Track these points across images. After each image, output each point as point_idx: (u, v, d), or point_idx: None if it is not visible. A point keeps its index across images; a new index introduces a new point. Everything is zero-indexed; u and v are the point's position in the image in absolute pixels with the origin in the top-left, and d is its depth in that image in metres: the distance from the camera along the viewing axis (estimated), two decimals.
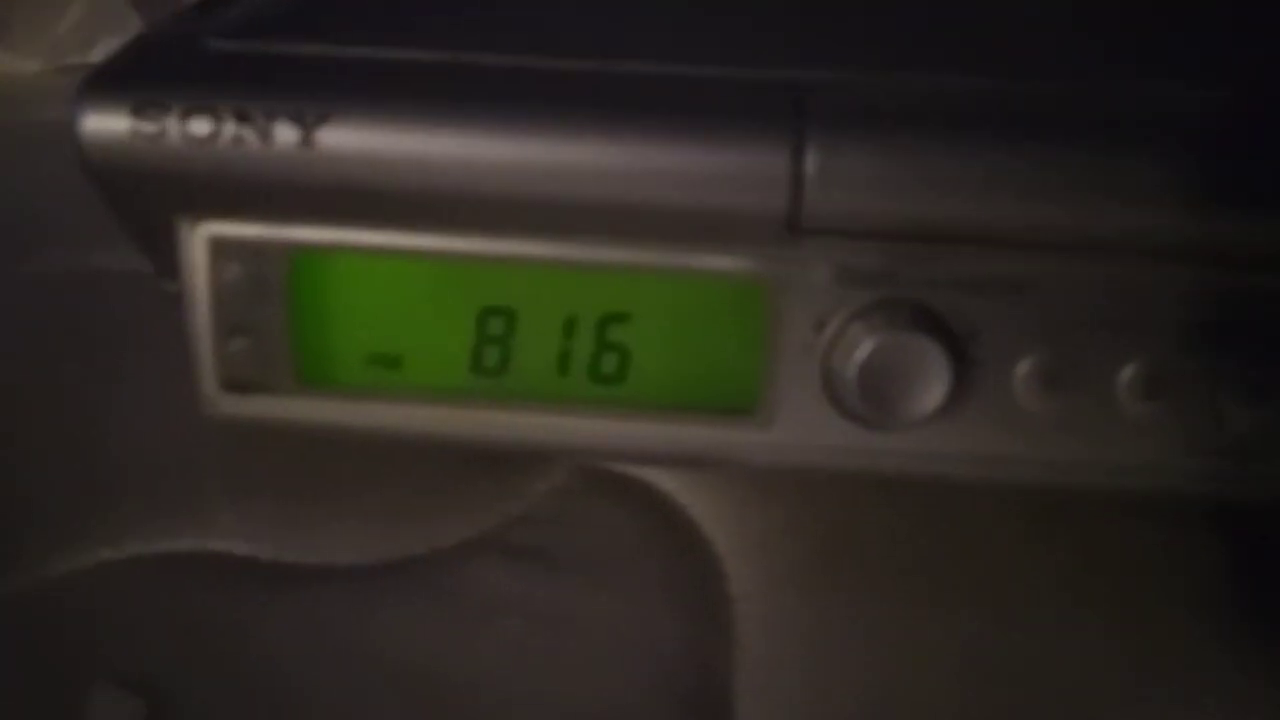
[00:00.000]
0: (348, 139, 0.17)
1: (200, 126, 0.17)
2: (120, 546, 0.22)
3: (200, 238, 0.19)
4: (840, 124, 0.17)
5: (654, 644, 0.20)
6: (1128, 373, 0.18)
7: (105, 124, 0.18)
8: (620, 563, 0.22)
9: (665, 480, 0.23)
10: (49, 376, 0.26)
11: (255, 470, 0.23)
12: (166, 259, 0.20)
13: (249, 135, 0.17)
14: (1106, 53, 0.19)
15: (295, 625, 0.20)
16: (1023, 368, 0.18)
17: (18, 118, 0.42)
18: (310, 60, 0.18)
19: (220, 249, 0.19)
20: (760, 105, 0.17)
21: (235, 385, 0.20)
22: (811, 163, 0.17)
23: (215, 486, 0.23)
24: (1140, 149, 0.17)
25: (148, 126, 0.17)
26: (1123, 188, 0.17)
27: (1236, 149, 0.17)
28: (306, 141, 0.17)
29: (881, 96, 0.17)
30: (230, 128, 0.17)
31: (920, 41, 0.20)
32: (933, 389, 0.18)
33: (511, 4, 0.21)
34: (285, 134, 0.17)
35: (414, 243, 0.19)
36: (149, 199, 0.19)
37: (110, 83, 0.18)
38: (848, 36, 0.20)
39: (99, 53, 0.47)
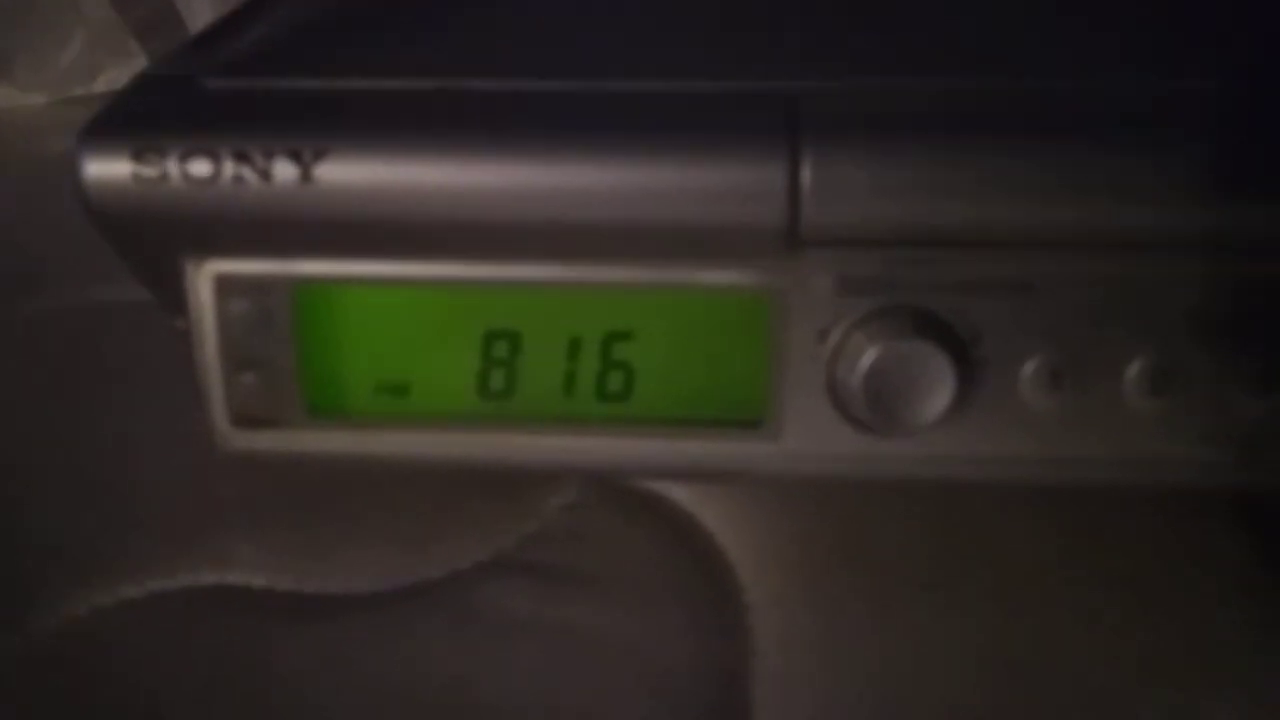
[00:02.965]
0: (346, 173, 0.17)
1: (200, 168, 0.17)
2: (141, 583, 0.22)
3: (205, 276, 0.19)
4: (834, 133, 0.17)
5: (672, 657, 0.20)
6: (1134, 368, 0.18)
7: (107, 170, 0.18)
8: (636, 577, 0.22)
9: (677, 492, 0.23)
10: (60, 412, 0.27)
11: (271, 501, 0.24)
12: (172, 297, 0.20)
13: (248, 174, 0.17)
14: (1098, 49, 0.19)
15: (318, 654, 0.21)
16: (1028, 368, 0.18)
17: (24, 150, 0.43)
18: (305, 96, 0.18)
19: (225, 286, 0.19)
20: (753, 119, 0.17)
21: (246, 420, 0.20)
22: (806, 175, 0.17)
23: (232, 519, 0.23)
24: (1136, 143, 0.17)
25: (148, 171, 0.17)
26: (1120, 183, 0.17)
27: (1233, 137, 0.17)
28: (306, 177, 0.17)
29: (874, 103, 0.17)
30: (229, 168, 0.17)
31: (910, 46, 0.20)
32: (938, 395, 0.18)
33: (497, 29, 0.21)
34: (284, 171, 0.17)
35: (416, 271, 0.19)
36: (153, 241, 0.19)
37: (110, 128, 0.18)
38: (837, 44, 0.20)
39: (102, 84, 0.48)
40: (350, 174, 0.17)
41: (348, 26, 0.21)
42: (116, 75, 0.48)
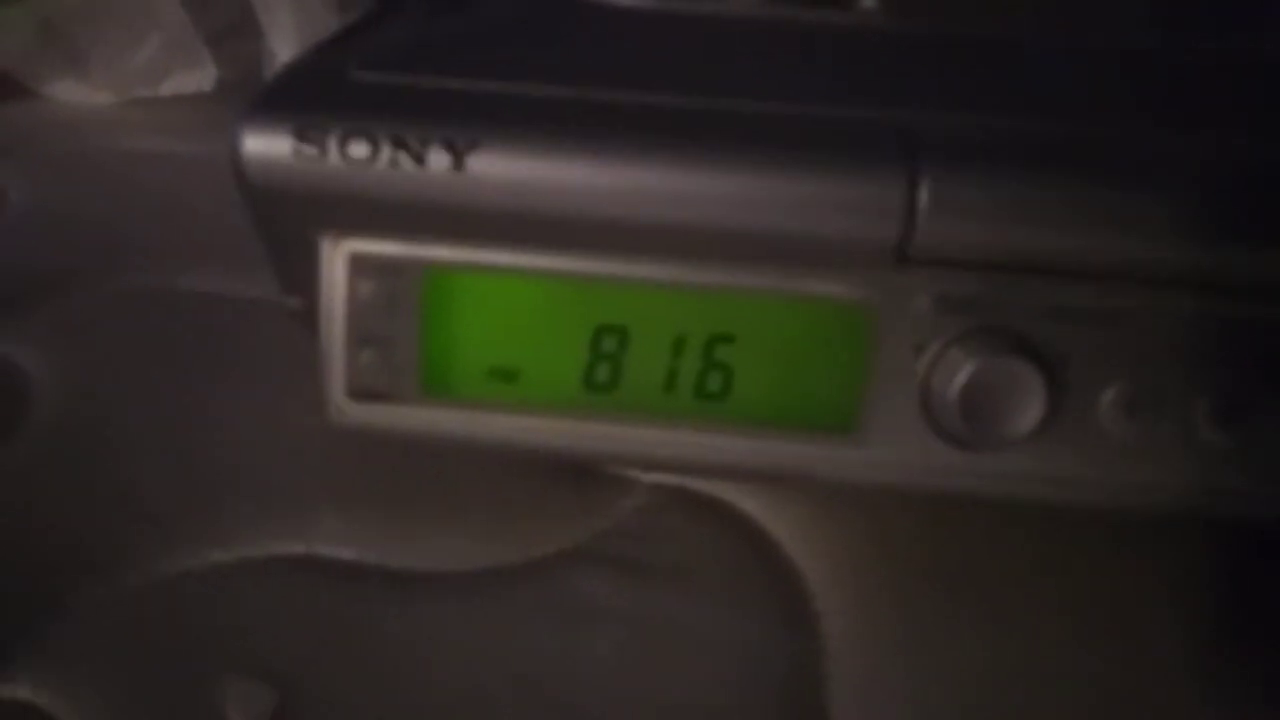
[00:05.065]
0: (495, 165, 0.19)
1: (358, 150, 0.19)
2: (230, 549, 0.23)
3: (341, 254, 0.20)
4: (952, 159, 0.18)
5: (747, 646, 0.21)
6: (1205, 402, 0.19)
7: (268, 146, 0.19)
8: (708, 574, 0.23)
9: (746, 502, 0.25)
10: (149, 388, 0.28)
11: (357, 480, 0.25)
12: (297, 275, 0.22)
13: (404, 159, 0.19)
14: (1202, 103, 0.21)
15: (406, 626, 0.21)
16: (1108, 395, 0.19)
17: (98, 145, 0.44)
18: (453, 93, 0.20)
19: (360, 265, 0.20)
20: (876, 139, 0.19)
21: (363, 394, 0.21)
22: (923, 195, 0.18)
23: (319, 495, 0.24)
24: (1231, 193, 0.18)
25: (309, 149, 0.19)
26: (1209, 228, 0.18)
27: None
28: (458, 166, 0.19)
29: (989, 136, 0.19)
30: (387, 152, 0.19)
31: (1020, 88, 0.21)
32: (1028, 412, 0.19)
33: (625, 48, 0.23)
34: (438, 159, 0.19)
35: (538, 262, 0.20)
36: (297, 217, 0.20)
37: (271, 108, 0.19)
38: (955, 81, 0.21)
39: (169, 87, 0.49)
40: (498, 167, 0.19)
41: (477, 32, 0.23)
42: (184, 80, 0.49)
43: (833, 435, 0.21)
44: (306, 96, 0.20)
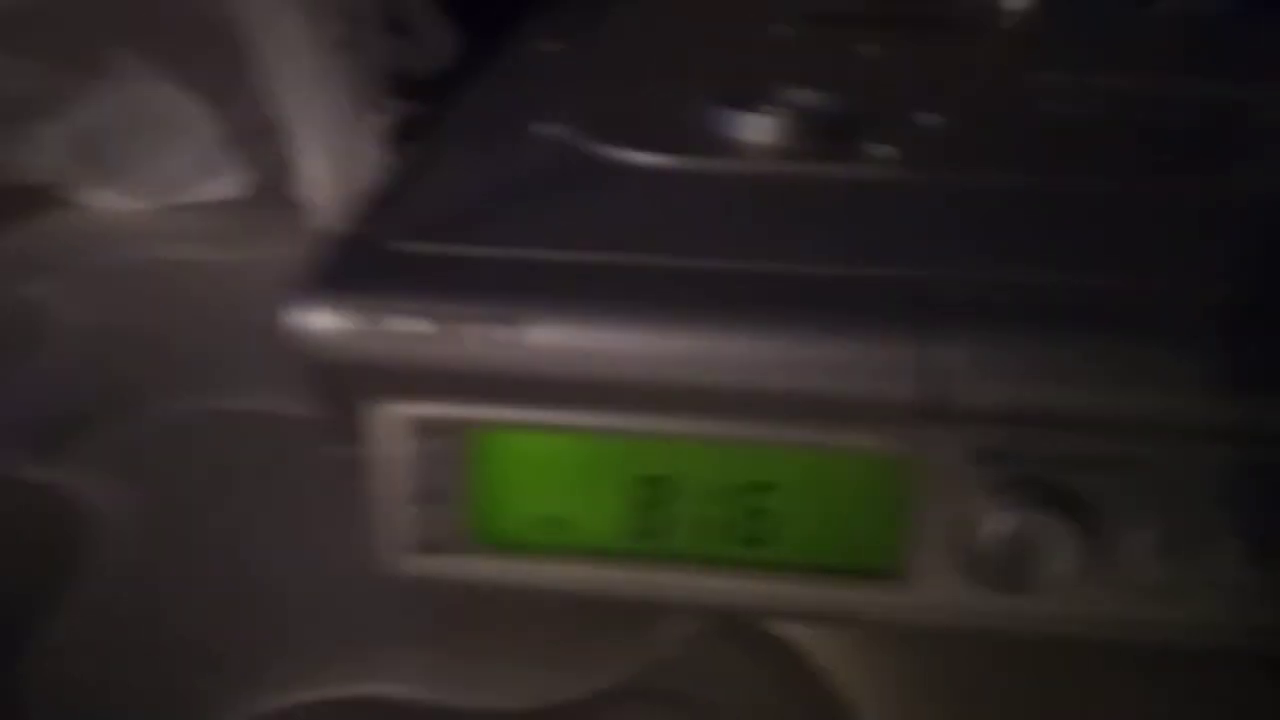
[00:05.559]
0: (548, 336, 0.20)
1: (421, 325, 0.20)
2: (289, 693, 0.24)
3: (393, 417, 0.21)
4: (968, 318, 0.19)
5: None
6: (1237, 544, 0.20)
7: (319, 321, 0.20)
8: (755, 709, 0.23)
9: (791, 631, 0.25)
10: (207, 518, 0.29)
11: (415, 620, 0.25)
12: (349, 429, 0.22)
13: (446, 332, 0.20)
14: (1209, 253, 0.21)
15: None
16: (1141, 540, 0.20)
17: (131, 256, 0.46)
18: (490, 263, 0.21)
19: (410, 426, 0.21)
20: (895, 300, 0.20)
21: (417, 547, 0.22)
22: (949, 352, 0.19)
23: (378, 634, 0.25)
24: (1242, 346, 0.19)
25: (359, 324, 0.20)
26: (1224, 382, 0.19)
27: None
28: (508, 338, 0.20)
29: (1007, 292, 0.20)
30: (427, 325, 0.20)
31: (1031, 240, 0.22)
32: (1063, 560, 0.20)
33: (651, 204, 0.24)
34: (497, 333, 0.20)
35: (585, 420, 0.21)
36: (354, 384, 0.21)
37: (322, 285, 0.20)
38: (972, 234, 0.22)
39: (203, 193, 0.50)
40: (542, 337, 0.20)
41: (508, 194, 0.24)
42: (217, 186, 0.51)
43: (877, 580, 0.21)
44: (354, 272, 0.21)
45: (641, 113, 0.27)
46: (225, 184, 0.50)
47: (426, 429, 0.21)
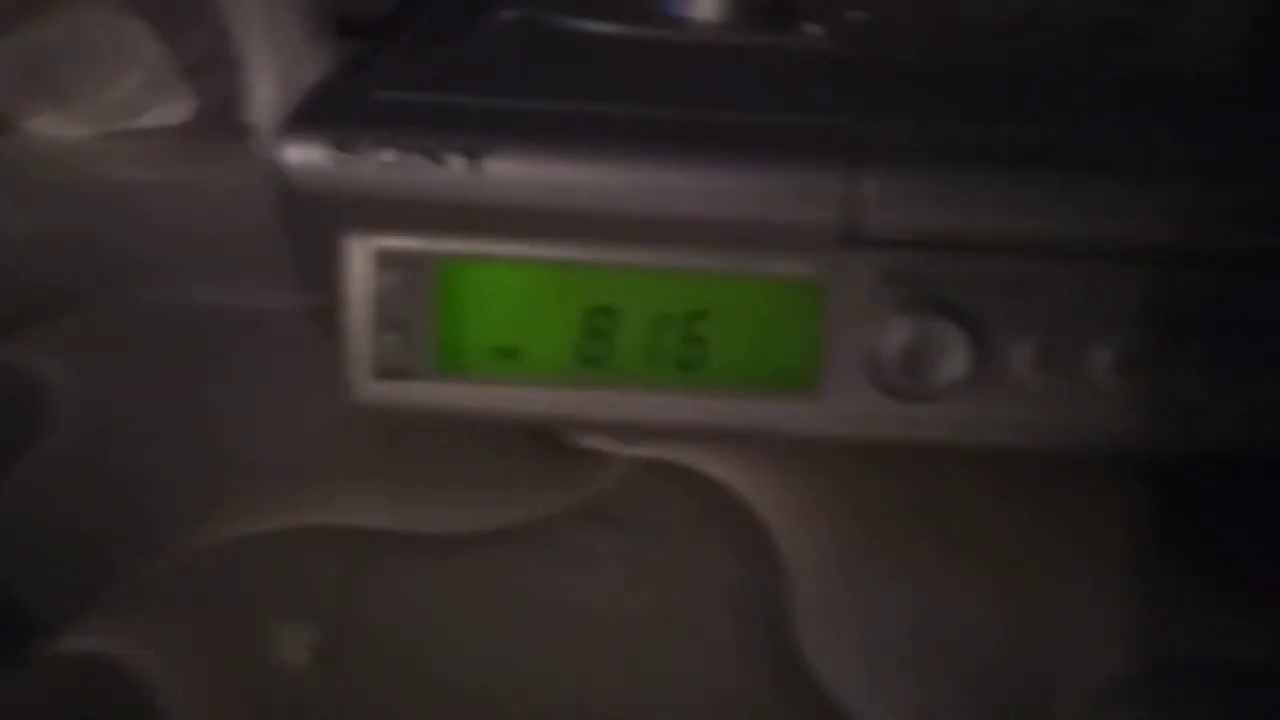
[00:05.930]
0: (506, 168, 0.22)
1: (389, 157, 0.22)
2: (257, 523, 0.26)
3: (367, 249, 0.23)
4: (887, 155, 0.22)
5: (726, 583, 0.24)
6: (1104, 354, 0.23)
7: (308, 156, 0.22)
8: (687, 526, 0.26)
9: (714, 466, 0.28)
10: (173, 390, 0.30)
11: (372, 458, 0.27)
12: (321, 270, 0.24)
13: (428, 164, 0.22)
14: (1095, 99, 0.25)
15: (427, 579, 0.24)
16: (1021, 350, 0.23)
17: (79, 177, 0.46)
18: (465, 107, 0.23)
19: (383, 258, 0.23)
20: (824, 140, 0.22)
21: (385, 374, 0.24)
22: (864, 186, 0.22)
23: (338, 472, 0.27)
24: (1110, 176, 0.22)
25: (346, 157, 0.22)
26: (1095, 206, 0.22)
27: (1180, 174, 0.22)
28: (475, 169, 0.22)
29: (920, 135, 0.23)
30: (413, 158, 0.22)
31: (942, 100, 0.25)
32: (955, 366, 0.23)
33: (607, 64, 0.26)
34: (457, 164, 0.22)
35: (539, 252, 0.23)
36: (328, 218, 0.23)
37: (309, 122, 0.22)
38: (890, 94, 0.25)
39: (149, 120, 0.51)
40: (509, 169, 0.22)
41: (476, 57, 0.26)
42: (163, 112, 0.52)
43: (795, 396, 0.24)
44: (339, 112, 0.23)
45: None
46: (171, 110, 0.51)
47: (393, 260, 0.23)
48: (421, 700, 0.22)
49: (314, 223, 0.23)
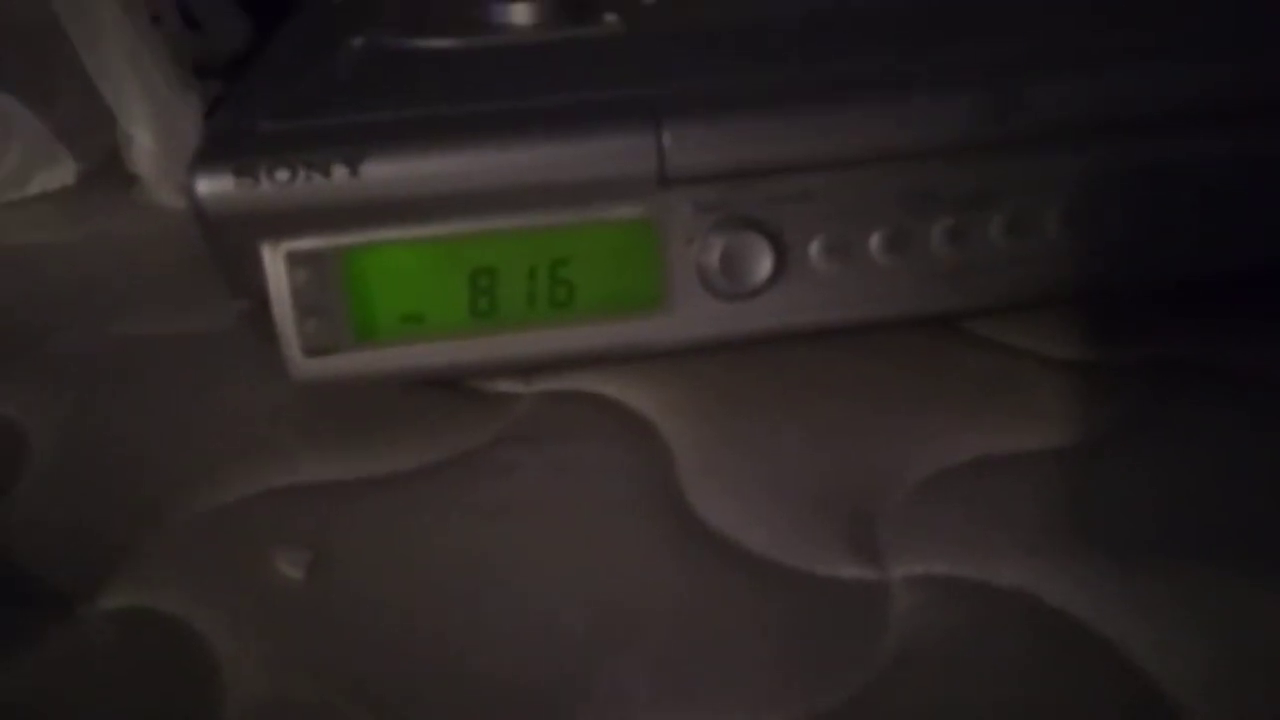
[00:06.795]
0: (381, 170, 0.27)
1: (282, 175, 0.27)
2: (238, 490, 0.31)
3: (280, 253, 0.28)
4: (682, 110, 0.28)
5: (624, 466, 0.30)
6: (875, 239, 0.30)
7: (216, 186, 0.27)
8: (586, 433, 0.32)
9: (603, 387, 0.34)
10: (128, 408, 0.35)
11: (318, 427, 0.32)
12: (245, 279, 0.29)
13: (315, 176, 0.27)
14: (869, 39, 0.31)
15: (391, 507, 0.29)
16: (815, 246, 0.30)
17: None
18: (339, 124, 0.28)
19: (294, 258, 0.28)
20: (631, 107, 0.28)
21: (313, 352, 0.29)
22: (666, 139, 0.28)
23: (290, 442, 0.32)
24: (855, 103, 0.29)
25: (248, 181, 0.27)
26: (851, 127, 0.28)
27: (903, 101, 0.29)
28: (355, 175, 0.27)
29: (707, 92, 0.29)
30: (303, 173, 0.27)
31: (731, 63, 0.31)
32: (764, 265, 0.29)
33: (447, 73, 0.32)
34: (340, 172, 0.27)
35: (422, 232, 0.29)
36: (241, 233, 0.28)
37: (211, 160, 0.27)
38: (675, 66, 0.31)
39: (35, 186, 0.54)
40: (382, 170, 0.27)
41: (339, 81, 0.31)
42: (48, 178, 0.55)
43: (649, 316, 0.30)
44: (234, 145, 0.28)
45: (431, 15, 0.35)
46: (55, 176, 0.55)
47: (302, 259, 0.29)
48: (402, 592, 0.27)
49: (231, 240, 0.28)
